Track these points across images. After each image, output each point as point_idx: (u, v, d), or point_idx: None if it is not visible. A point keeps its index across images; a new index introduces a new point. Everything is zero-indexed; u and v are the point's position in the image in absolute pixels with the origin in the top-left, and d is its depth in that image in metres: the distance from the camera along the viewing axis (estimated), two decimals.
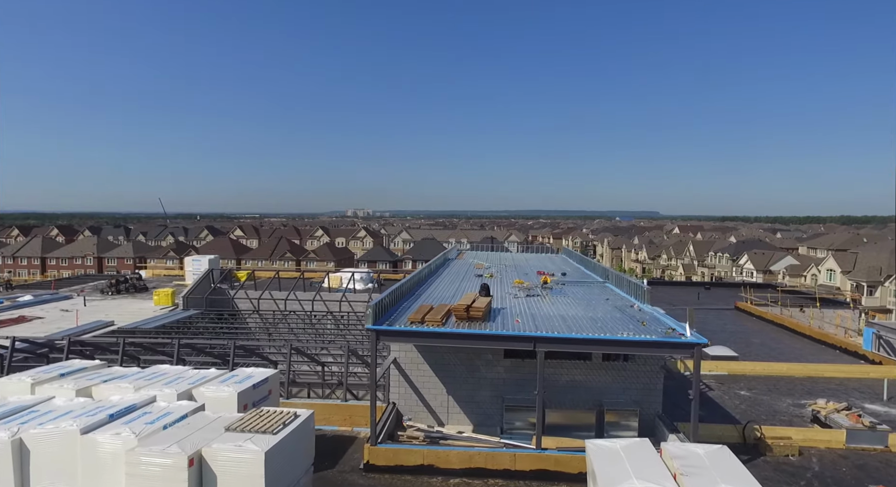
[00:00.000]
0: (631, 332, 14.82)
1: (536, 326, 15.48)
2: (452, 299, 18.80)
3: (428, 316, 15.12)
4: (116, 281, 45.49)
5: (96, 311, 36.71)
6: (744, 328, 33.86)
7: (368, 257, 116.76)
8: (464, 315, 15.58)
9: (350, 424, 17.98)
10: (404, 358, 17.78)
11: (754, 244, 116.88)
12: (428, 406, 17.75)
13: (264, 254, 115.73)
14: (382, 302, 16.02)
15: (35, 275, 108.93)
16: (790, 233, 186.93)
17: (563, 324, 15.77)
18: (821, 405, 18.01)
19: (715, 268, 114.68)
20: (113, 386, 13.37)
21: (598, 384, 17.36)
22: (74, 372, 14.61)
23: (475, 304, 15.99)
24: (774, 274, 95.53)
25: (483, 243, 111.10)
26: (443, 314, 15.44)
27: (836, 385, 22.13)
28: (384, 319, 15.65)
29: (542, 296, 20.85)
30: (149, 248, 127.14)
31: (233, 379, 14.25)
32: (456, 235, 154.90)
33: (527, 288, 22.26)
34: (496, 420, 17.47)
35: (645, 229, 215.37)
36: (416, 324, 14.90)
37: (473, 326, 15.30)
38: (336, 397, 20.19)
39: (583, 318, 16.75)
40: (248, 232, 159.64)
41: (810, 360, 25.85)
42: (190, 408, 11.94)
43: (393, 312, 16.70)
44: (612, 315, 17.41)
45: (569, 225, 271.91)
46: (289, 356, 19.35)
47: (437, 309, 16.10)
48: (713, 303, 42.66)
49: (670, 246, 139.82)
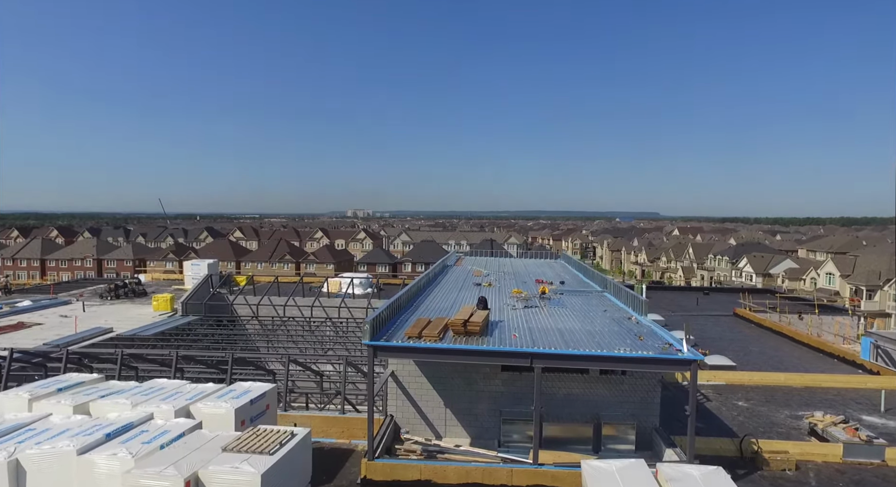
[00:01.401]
0: (628, 348, 14.84)
1: (534, 341, 15.50)
2: (450, 311, 18.82)
3: (425, 331, 15.14)
4: (115, 287, 45.51)
5: (95, 317, 36.73)
6: (742, 335, 33.88)
7: (368, 259, 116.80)
8: (461, 330, 15.60)
9: (348, 436, 18.00)
10: (402, 371, 17.80)
11: (753, 247, 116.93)
12: (426, 418, 17.77)
13: (264, 257, 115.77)
14: (380, 316, 16.05)
15: (35, 277, 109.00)
16: (790, 234, 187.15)
17: (560, 339, 15.79)
18: (818, 418, 18.03)
19: (714, 271, 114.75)
20: (110, 402, 13.40)
21: (595, 397, 17.38)
22: (72, 387, 14.63)
23: (472, 319, 16.00)
24: (773, 277, 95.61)
25: (482, 246, 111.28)
26: (440, 328, 15.46)
27: (833, 395, 22.15)
28: (382, 333, 15.67)
29: (541, 307, 20.87)
30: (148, 250, 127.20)
31: (230, 395, 14.28)
32: (455, 237, 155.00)
33: (525, 298, 22.29)
34: (494, 433, 17.49)
35: (645, 230, 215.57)
36: (414, 340, 14.92)
37: (471, 341, 15.32)
38: (334, 407, 20.22)
39: (580, 332, 16.77)
40: (247, 233, 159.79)
41: (809, 370, 25.88)
42: (187, 426, 11.97)
43: (391, 325, 16.72)
44: (610, 328, 17.43)
45: (568, 226, 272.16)
46: (287, 368, 19.37)
47: (434, 322, 16.12)
48: (712, 309, 42.70)
49: (670, 248, 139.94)
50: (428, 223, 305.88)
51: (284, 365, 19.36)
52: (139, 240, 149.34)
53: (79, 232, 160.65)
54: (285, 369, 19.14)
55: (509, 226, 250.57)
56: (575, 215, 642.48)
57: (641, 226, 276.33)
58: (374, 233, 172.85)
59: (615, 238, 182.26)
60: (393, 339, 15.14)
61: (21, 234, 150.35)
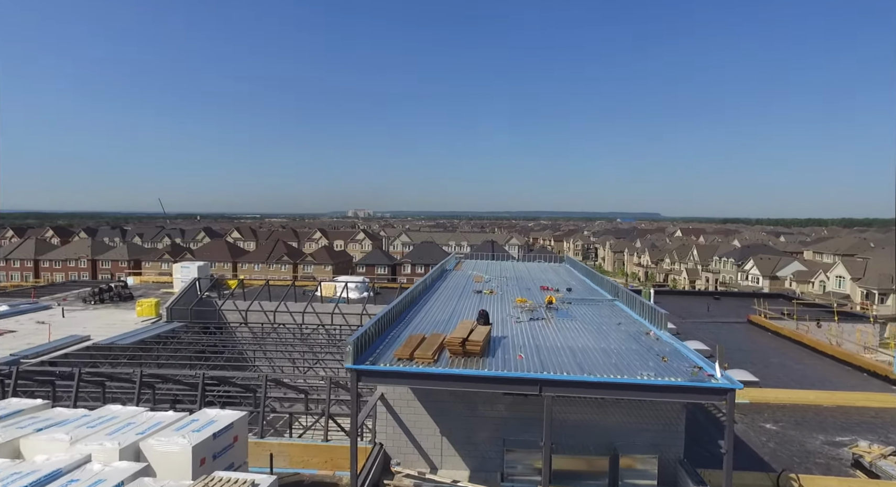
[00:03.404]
0: (651, 373, 12.81)
1: (542, 362, 13.48)
2: (448, 325, 16.81)
3: (418, 352, 13.12)
4: (100, 290, 43.52)
5: (74, 324, 34.76)
6: (760, 345, 31.84)
7: (367, 261, 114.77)
8: (459, 350, 13.58)
9: (332, 467, 16.02)
10: (392, 394, 15.80)
11: (759, 249, 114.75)
12: (419, 447, 15.76)
13: (261, 258, 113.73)
14: (366, 334, 14.01)
15: (28, 279, 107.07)
16: (793, 236, 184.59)
17: (572, 360, 13.77)
18: (863, 448, 16.00)
19: (720, 273, 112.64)
20: (46, 439, 11.35)
21: (611, 424, 15.36)
22: (8, 417, 12.62)
23: (472, 337, 13.97)
24: (781, 280, 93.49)
25: (483, 247, 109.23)
26: (435, 348, 13.44)
27: (871, 417, 20.10)
28: (368, 354, 13.66)
29: (548, 319, 18.86)
30: (144, 251, 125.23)
31: (190, 427, 12.25)
32: (456, 238, 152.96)
33: (530, 309, 20.30)
34: (496, 464, 15.47)
35: (647, 231, 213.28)
36: (404, 362, 12.91)
37: (470, 363, 13.30)
38: (317, 431, 18.21)
39: (594, 351, 14.74)
40: (245, 234, 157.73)
41: (837, 385, 23.86)
42: (128, 473, 9.95)
43: (380, 343, 14.69)
44: (627, 346, 15.40)
45: (570, 226, 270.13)
46: (264, 390, 17.26)
47: (429, 340, 14.10)
48: (724, 316, 40.66)
49: (673, 250, 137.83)
50: (428, 223, 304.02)
51: (262, 387, 17.22)
52: (135, 241, 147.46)
53: (75, 232, 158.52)
54: (262, 391, 17.01)
55: (510, 227, 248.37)
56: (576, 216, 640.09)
57: (643, 226, 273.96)
58: (374, 233, 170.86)
59: (617, 239, 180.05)
60: (380, 361, 13.11)
61: (17, 234, 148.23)
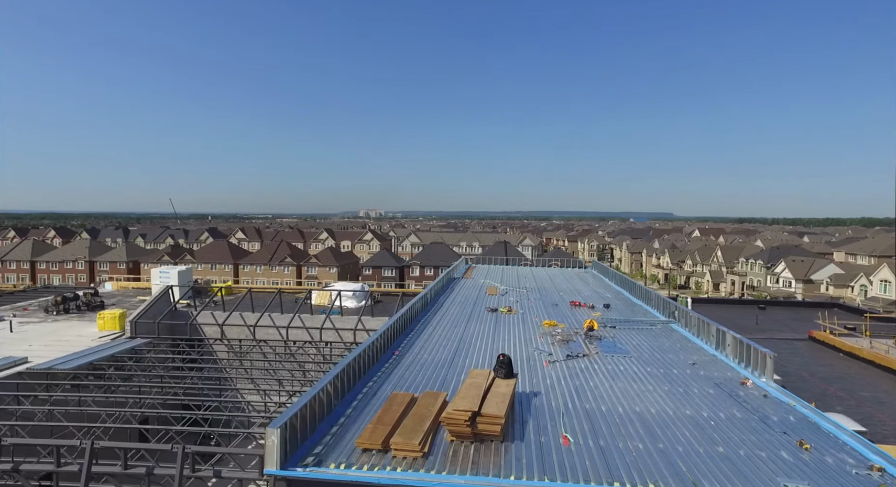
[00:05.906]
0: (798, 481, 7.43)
1: (603, 453, 8.14)
2: (450, 369, 11.52)
3: (396, 440, 7.81)
4: (64, 299, 38.62)
5: (19, 340, 29.78)
6: (838, 372, 26.07)
7: (373, 263, 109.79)
8: (466, 431, 8.23)
9: None
10: None
11: (790, 250, 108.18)
12: None
13: (263, 259, 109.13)
14: (309, 408, 8.59)
15: (24, 281, 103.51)
16: (817, 236, 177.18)
17: (652, 447, 8.40)
18: None
19: (747, 276, 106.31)
20: None
21: None
22: None
23: (488, 409, 8.57)
24: (816, 284, 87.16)
25: (495, 249, 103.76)
26: (425, 430, 8.12)
27: None
28: (314, 439, 8.35)
29: (591, 355, 13.55)
30: (144, 252, 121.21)
31: None
32: (467, 238, 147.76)
33: (563, 338, 14.98)
34: None
35: (663, 231, 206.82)
36: (374, 452, 7.62)
37: (484, 455, 7.99)
38: None
39: (678, 422, 9.38)
40: (249, 234, 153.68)
41: None
42: None
43: (340, 413, 9.39)
44: (727, 411, 10.00)
45: (584, 226, 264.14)
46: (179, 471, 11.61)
47: (418, 410, 8.78)
48: (778, 330, 34.88)
49: (695, 251, 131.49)
50: (439, 223, 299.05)
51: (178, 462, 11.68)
52: (137, 241, 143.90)
53: (76, 232, 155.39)
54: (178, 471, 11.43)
55: (522, 227, 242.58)
56: (588, 215, 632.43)
57: (658, 226, 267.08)
58: (383, 234, 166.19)
59: (633, 239, 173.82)
60: (331, 455, 7.79)
61: (18, 235, 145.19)
